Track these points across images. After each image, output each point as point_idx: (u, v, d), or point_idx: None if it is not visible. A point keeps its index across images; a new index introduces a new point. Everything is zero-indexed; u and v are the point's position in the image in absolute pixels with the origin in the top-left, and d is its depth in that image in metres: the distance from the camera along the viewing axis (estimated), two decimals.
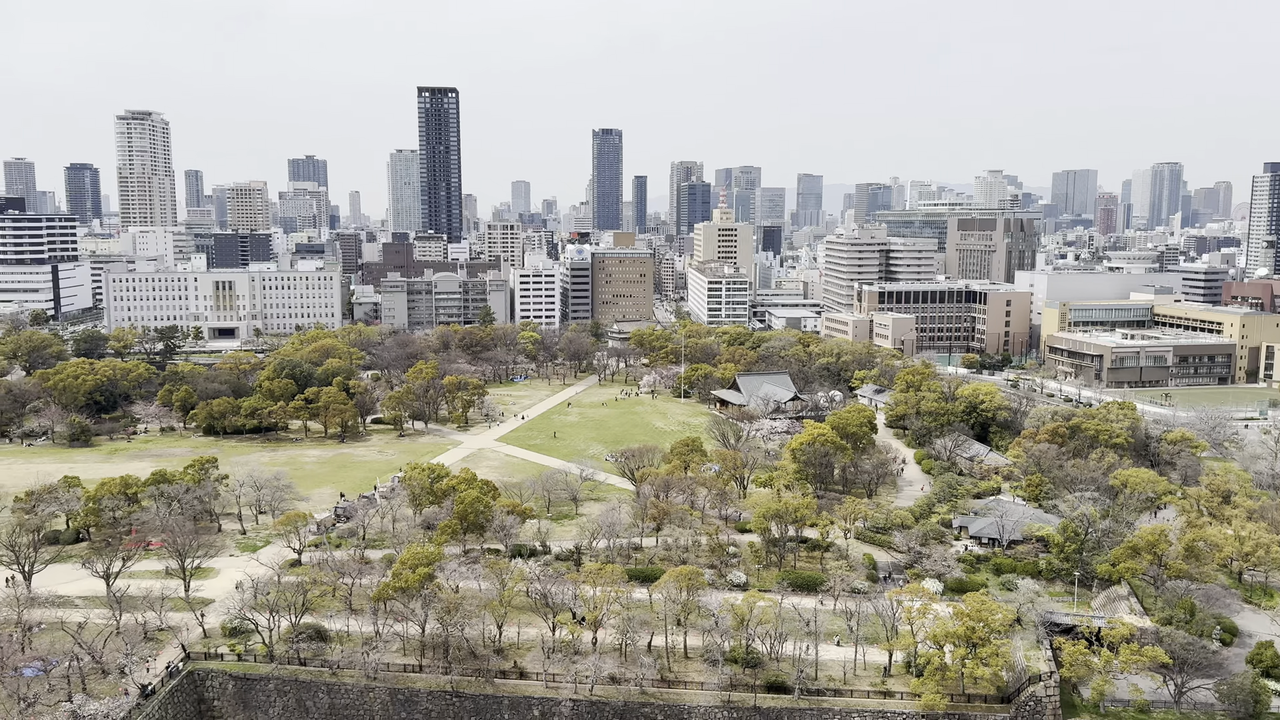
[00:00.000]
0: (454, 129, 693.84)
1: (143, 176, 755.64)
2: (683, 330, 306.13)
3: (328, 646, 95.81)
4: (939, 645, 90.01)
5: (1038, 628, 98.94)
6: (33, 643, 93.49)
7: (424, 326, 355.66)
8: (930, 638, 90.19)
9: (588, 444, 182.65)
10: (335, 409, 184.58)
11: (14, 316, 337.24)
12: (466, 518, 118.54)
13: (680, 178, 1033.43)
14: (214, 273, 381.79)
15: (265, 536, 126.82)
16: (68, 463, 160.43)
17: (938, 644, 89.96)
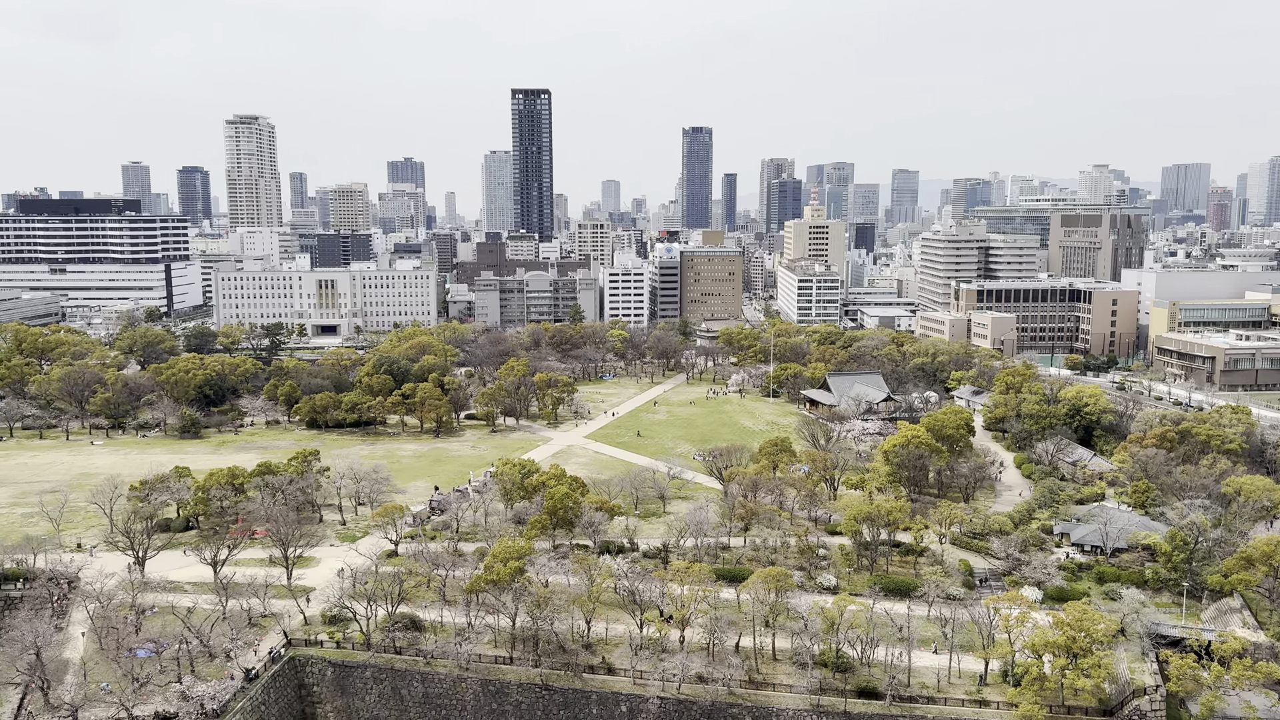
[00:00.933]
0: (546, 130, 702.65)
1: (250, 179, 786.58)
2: (772, 329, 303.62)
3: (422, 636, 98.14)
4: (1038, 655, 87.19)
5: (1143, 639, 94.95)
6: (145, 625, 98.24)
7: (516, 324, 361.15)
8: (1028, 647, 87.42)
9: (675, 442, 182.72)
10: (431, 404, 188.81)
11: (130, 313, 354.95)
12: (556, 513, 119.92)
13: (770, 175, 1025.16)
14: (317, 272, 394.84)
15: (364, 527, 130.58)
16: (179, 454, 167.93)
17: (1036, 653, 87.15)
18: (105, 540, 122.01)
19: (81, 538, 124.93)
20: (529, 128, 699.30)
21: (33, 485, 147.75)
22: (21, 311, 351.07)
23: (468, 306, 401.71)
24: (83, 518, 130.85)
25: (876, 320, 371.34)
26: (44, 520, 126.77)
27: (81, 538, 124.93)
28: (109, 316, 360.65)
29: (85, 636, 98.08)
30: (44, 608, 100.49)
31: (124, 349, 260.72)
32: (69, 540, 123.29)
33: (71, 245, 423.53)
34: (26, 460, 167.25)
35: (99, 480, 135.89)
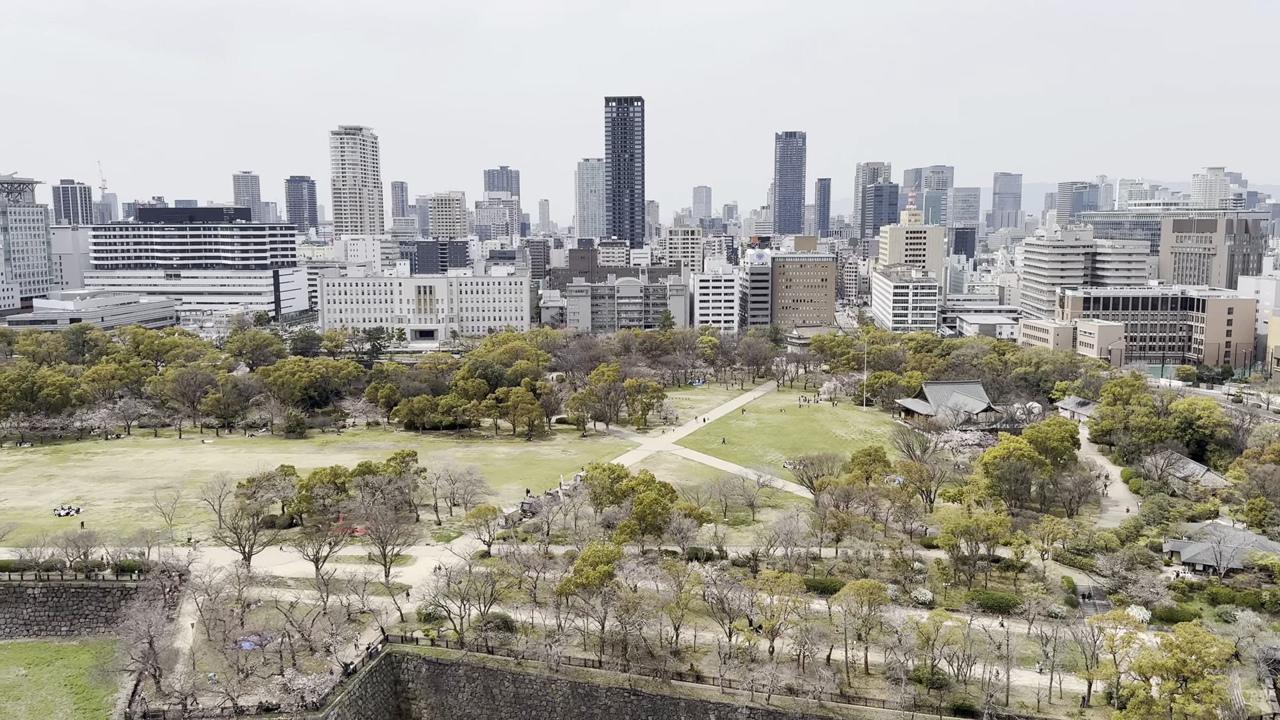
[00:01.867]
0: (639, 137, 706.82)
1: (354, 188, 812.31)
2: (866, 336, 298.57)
3: (513, 637, 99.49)
4: (1145, 677, 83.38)
5: (1259, 664, 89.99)
6: (250, 619, 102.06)
7: (606, 330, 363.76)
8: (1135, 669, 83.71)
9: (765, 450, 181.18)
10: (523, 408, 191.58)
11: (240, 317, 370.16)
12: (645, 518, 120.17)
13: (866, 179, 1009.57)
14: (416, 278, 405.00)
15: (458, 528, 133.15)
16: (284, 453, 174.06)
17: (1143, 676, 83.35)
18: (214, 535, 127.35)
19: (192, 532, 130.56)
20: (621, 135, 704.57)
21: (148, 481, 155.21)
22: (139, 315, 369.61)
23: (560, 312, 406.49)
24: (194, 513, 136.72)
25: (976, 328, 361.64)
26: (158, 515, 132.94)
27: (192, 532, 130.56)
28: (220, 320, 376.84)
29: (194, 628, 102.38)
30: (157, 599, 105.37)
31: (234, 351, 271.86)
32: (180, 535, 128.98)
33: (186, 252, 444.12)
34: (142, 457, 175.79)
35: (209, 477, 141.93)
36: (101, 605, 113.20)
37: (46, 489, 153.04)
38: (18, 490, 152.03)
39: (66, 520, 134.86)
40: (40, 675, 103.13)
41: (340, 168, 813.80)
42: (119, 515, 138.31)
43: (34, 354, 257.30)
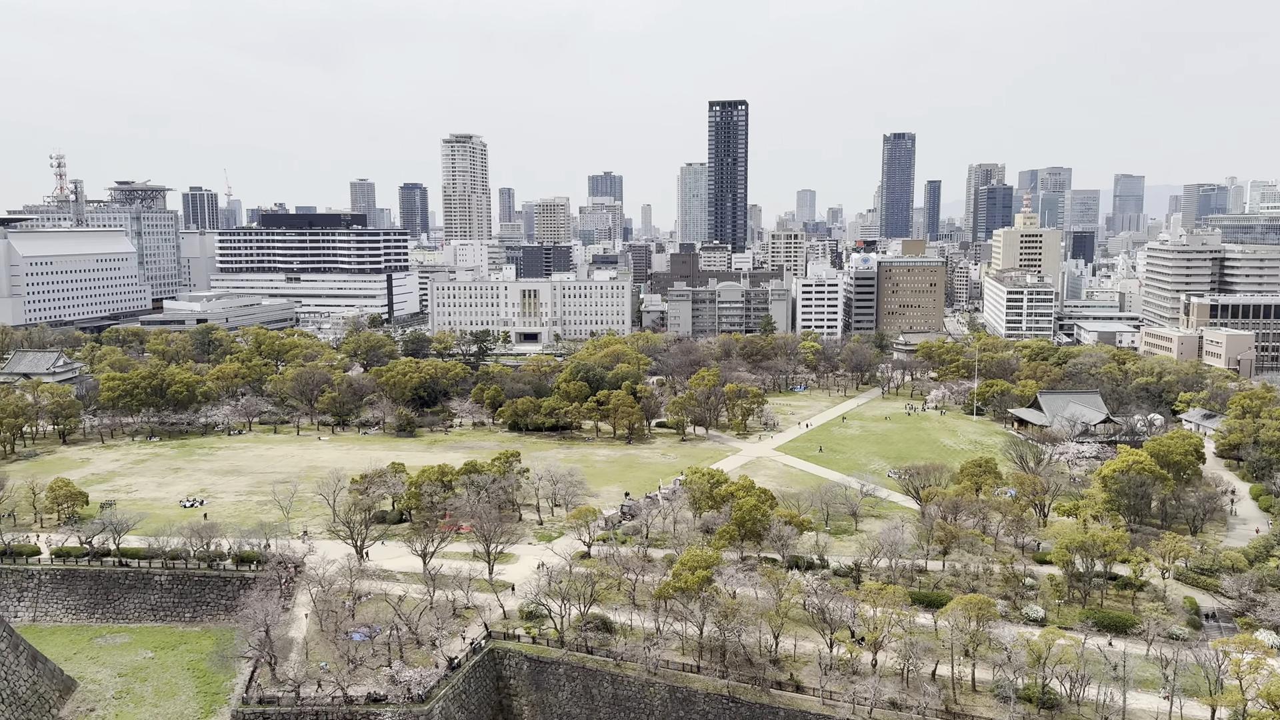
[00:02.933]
0: (742, 141, 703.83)
1: (463, 194, 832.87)
2: (976, 343, 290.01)
3: (612, 638, 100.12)
4: (1274, 706, 78.46)
5: None
6: (360, 611, 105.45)
7: (707, 334, 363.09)
8: (1264, 696, 78.81)
9: (869, 458, 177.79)
10: (623, 411, 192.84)
11: (355, 319, 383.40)
12: (744, 524, 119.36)
13: (978, 181, 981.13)
14: (521, 282, 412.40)
15: (559, 528, 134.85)
16: (395, 450, 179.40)
17: (1273, 704, 78.44)
18: (328, 529, 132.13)
19: (307, 526, 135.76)
20: (725, 139, 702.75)
21: (267, 476, 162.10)
22: (261, 316, 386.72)
23: (660, 316, 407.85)
24: (309, 507, 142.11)
25: (1095, 336, 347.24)
26: (276, 508, 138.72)
27: (307, 526, 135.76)
28: (337, 322, 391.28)
29: (308, 618, 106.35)
30: (273, 589, 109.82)
31: (349, 352, 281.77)
32: (296, 527, 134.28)
33: (305, 256, 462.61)
34: (262, 452, 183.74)
35: (324, 473, 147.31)
36: (222, 594, 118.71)
37: (173, 481, 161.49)
38: (147, 482, 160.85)
39: (191, 511, 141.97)
40: (165, 658, 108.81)
41: (451, 175, 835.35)
42: (239, 508, 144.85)
43: (163, 353, 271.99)
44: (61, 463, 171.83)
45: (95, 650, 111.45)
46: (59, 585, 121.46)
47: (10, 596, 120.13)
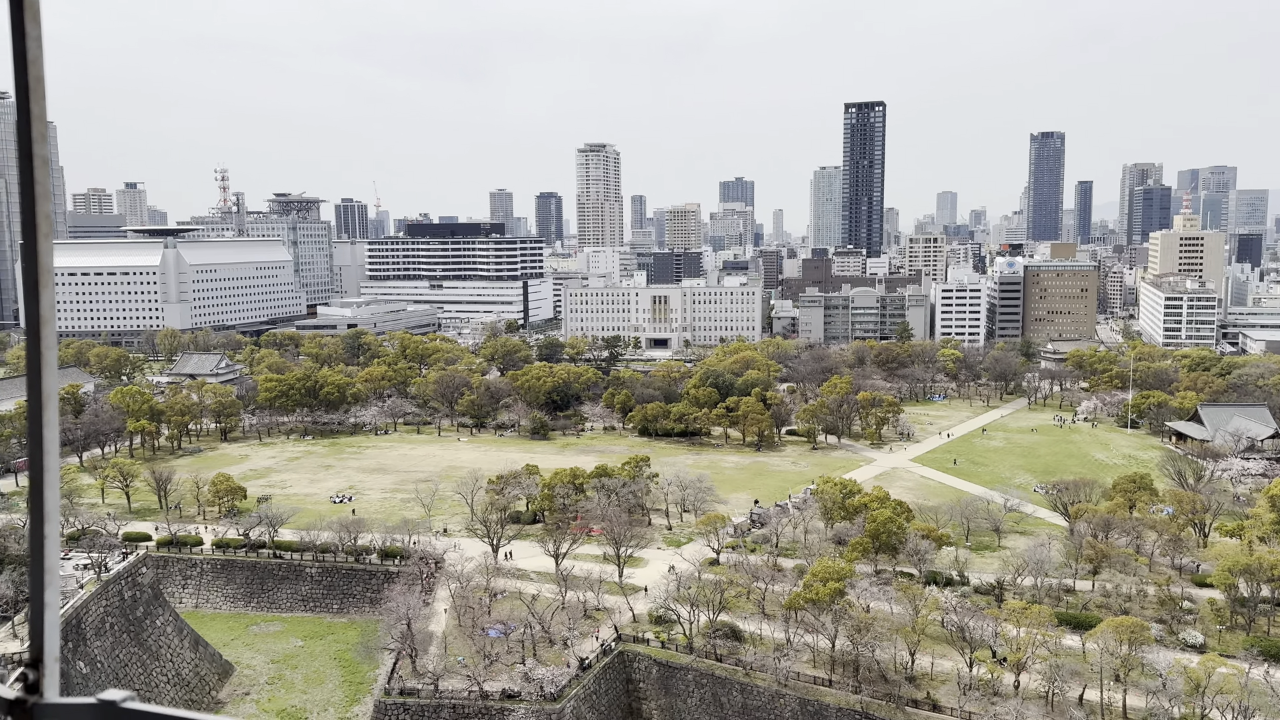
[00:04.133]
0: (879, 143, 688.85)
1: (597, 202, 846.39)
2: (1131, 352, 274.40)
3: (741, 646, 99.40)
4: None
5: None
6: (496, 608, 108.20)
7: (839, 341, 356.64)
8: None
9: (1013, 472, 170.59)
10: (753, 418, 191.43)
11: (493, 325, 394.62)
12: (878, 537, 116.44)
13: (1133, 181, 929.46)
14: (652, 288, 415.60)
15: (688, 534, 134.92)
16: (529, 453, 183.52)
17: None
18: (466, 527, 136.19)
19: (447, 524, 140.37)
20: (860, 141, 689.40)
21: (410, 474, 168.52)
22: (406, 322, 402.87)
23: (791, 322, 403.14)
24: (449, 505, 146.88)
25: (1263, 345, 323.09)
26: (418, 506, 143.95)
27: (447, 524, 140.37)
28: (476, 327, 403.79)
29: (447, 613, 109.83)
30: (415, 584, 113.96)
31: (487, 357, 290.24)
32: (437, 525, 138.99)
33: (447, 264, 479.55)
34: (406, 452, 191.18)
35: (463, 473, 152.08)
36: (367, 587, 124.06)
37: (324, 478, 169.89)
38: (300, 478, 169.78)
39: (340, 507, 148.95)
40: (314, 647, 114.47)
41: (585, 183, 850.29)
42: (385, 504, 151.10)
43: (316, 355, 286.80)
44: (223, 459, 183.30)
45: (251, 637, 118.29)
46: (219, 574, 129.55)
47: (176, 584, 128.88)
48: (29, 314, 3.42)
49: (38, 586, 3.41)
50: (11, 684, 3.41)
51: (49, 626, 3.43)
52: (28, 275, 3.44)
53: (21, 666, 3.41)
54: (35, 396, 3.41)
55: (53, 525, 3.44)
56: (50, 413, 3.42)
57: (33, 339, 3.41)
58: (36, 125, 3.28)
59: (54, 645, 3.45)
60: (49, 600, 3.41)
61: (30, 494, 3.41)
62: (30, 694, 3.37)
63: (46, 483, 3.42)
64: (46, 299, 3.37)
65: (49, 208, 3.40)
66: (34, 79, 3.23)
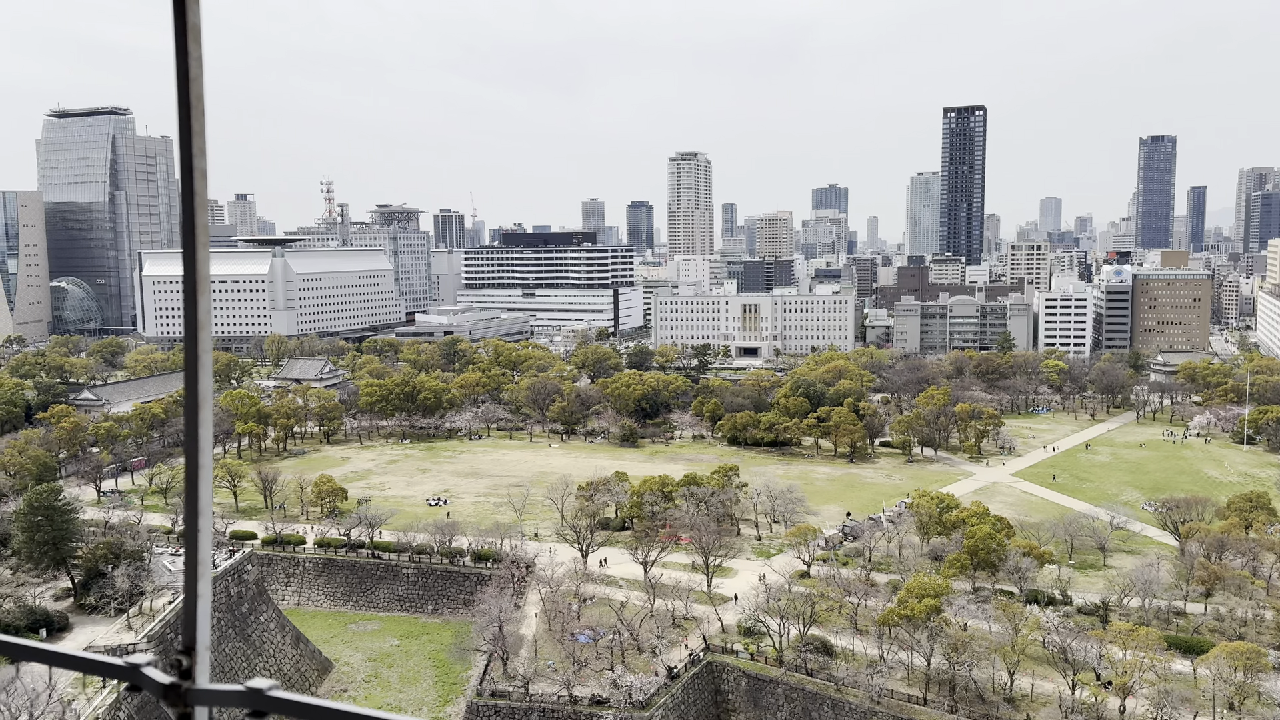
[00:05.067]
0: (979, 148, 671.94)
1: (687, 211, 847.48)
2: (1248, 364, 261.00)
3: (833, 661, 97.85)
4: None
5: None
6: (585, 613, 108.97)
7: (936, 351, 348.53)
8: None
9: (1119, 488, 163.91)
10: (845, 429, 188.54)
11: (583, 333, 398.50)
12: (977, 553, 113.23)
13: (1250, 186, 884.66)
14: (742, 296, 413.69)
15: (778, 545, 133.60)
16: (618, 459, 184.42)
17: None
18: (556, 532, 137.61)
19: (538, 528, 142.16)
20: (960, 146, 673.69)
21: (502, 479, 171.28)
22: (500, 329, 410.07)
23: (886, 332, 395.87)
24: (540, 510, 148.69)
25: None
26: (510, 510, 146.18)
27: (538, 528, 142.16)
28: (567, 335, 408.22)
29: (537, 617, 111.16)
30: (506, 587, 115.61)
31: (577, 364, 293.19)
32: (528, 529, 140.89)
33: (540, 272, 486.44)
34: (499, 457, 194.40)
35: (554, 479, 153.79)
36: (461, 588, 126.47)
37: (420, 481, 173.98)
38: (398, 481, 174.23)
39: (435, 510, 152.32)
40: (410, 647, 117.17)
41: (675, 192, 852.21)
42: (478, 508, 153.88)
43: (414, 362, 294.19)
44: (325, 461, 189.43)
45: (349, 635, 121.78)
46: (320, 573, 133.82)
47: (279, 581, 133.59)
48: (188, 318, 3.59)
49: (191, 578, 3.61)
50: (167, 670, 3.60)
51: (201, 616, 3.62)
52: (187, 281, 3.60)
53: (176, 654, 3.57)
54: (192, 397, 3.59)
55: (206, 520, 3.62)
56: (205, 412, 3.59)
57: (190, 342, 3.58)
58: (196, 140, 3.48)
59: (205, 634, 3.64)
60: (201, 591, 3.60)
61: (186, 490, 3.61)
62: (184, 679, 3.56)
63: (201, 479, 3.60)
64: (204, 304, 3.55)
65: (206, 218, 3.58)
66: (195, 96, 3.45)
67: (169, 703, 3.56)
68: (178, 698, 3.53)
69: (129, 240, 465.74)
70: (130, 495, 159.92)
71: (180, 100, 3.47)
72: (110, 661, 3.82)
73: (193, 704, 3.56)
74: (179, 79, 3.46)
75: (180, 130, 3.49)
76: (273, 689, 3.45)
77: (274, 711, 3.48)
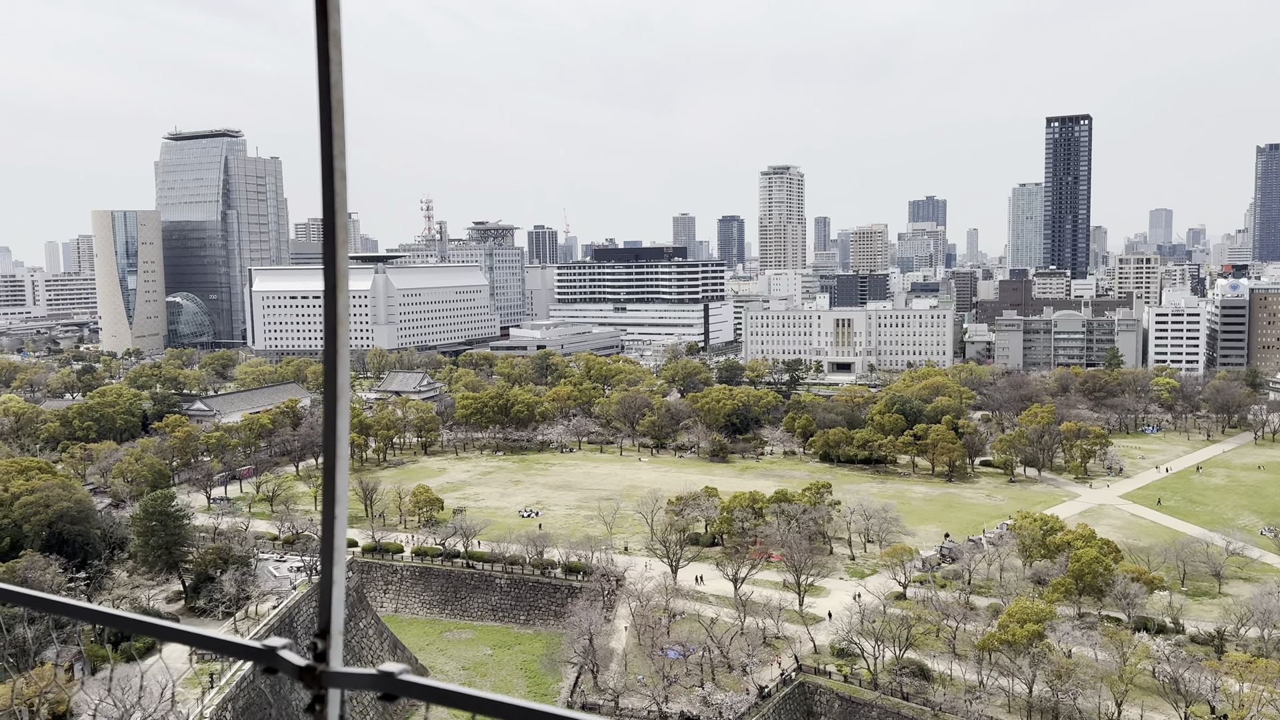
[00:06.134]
0: (1084, 158, 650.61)
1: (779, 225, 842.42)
2: None
3: (930, 686, 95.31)
4: None
5: None
6: (675, 629, 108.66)
7: (1040, 367, 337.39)
8: None
9: (1236, 512, 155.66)
10: (943, 447, 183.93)
11: (673, 347, 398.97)
12: (1082, 578, 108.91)
13: None
14: (835, 311, 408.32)
15: (872, 565, 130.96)
16: (708, 474, 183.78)
17: None
18: (646, 546, 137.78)
19: (628, 542, 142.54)
20: (1064, 157, 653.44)
21: (593, 492, 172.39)
22: (591, 343, 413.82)
23: (986, 347, 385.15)
24: (629, 524, 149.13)
25: None
26: (600, 523, 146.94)
27: (628, 542, 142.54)
28: (657, 350, 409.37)
29: (627, 630, 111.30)
30: (597, 600, 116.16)
31: (667, 378, 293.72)
32: (618, 543, 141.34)
33: (631, 287, 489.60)
34: (589, 470, 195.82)
35: (643, 493, 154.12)
36: (552, 600, 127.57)
37: (513, 492, 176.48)
38: (491, 492, 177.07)
39: (528, 521, 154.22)
40: (502, 656, 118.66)
41: (767, 206, 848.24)
42: (569, 520, 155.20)
43: (508, 375, 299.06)
44: (422, 471, 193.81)
45: (444, 643, 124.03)
46: (417, 581, 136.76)
47: (378, 588, 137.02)
48: (327, 313, 3.71)
49: (327, 563, 3.68)
50: (302, 653, 3.71)
51: (335, 601, 3.71)
52: (328, 277, 3.73)
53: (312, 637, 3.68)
54: (331, 389, 3.71)
55: (342, 507, 3.70)
56: (343, 403, 3.69)
57: (330, 337, 3.71)
58: (337, 143, 3.62)
59: (339, 618, 3.72)
60: (336, 576, 3.69)
61: (324, 478, 3.70)
62: (319, 662, 3.66)
63: (338, 468, 3.70)
64: (343, 301, 3.69)
65: (346, 218, 3.70)
66: (335, 100, 3.59)
67: (304, 684, 3.65)
68: (313, 679, 3.63)
69: (240, 257, 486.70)
70: (238, 502, 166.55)
71: (322, 103, 3.60)
72: (249, 644, 3.92)
73: (327, 686, 3.64)
74: (320, 83, 3.57)
75: (321, 132, 3.61)
76: (403, 673, 3.55)
77: (404, 694, 3.56)
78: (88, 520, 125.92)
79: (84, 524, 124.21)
